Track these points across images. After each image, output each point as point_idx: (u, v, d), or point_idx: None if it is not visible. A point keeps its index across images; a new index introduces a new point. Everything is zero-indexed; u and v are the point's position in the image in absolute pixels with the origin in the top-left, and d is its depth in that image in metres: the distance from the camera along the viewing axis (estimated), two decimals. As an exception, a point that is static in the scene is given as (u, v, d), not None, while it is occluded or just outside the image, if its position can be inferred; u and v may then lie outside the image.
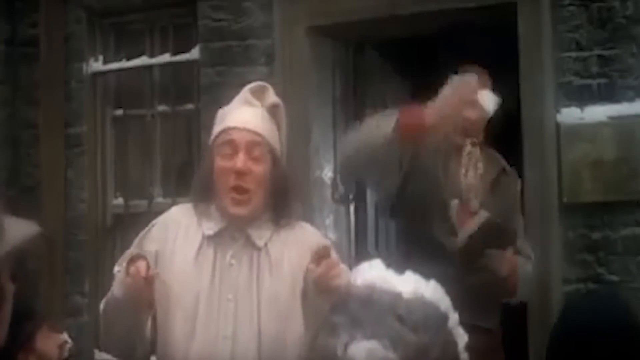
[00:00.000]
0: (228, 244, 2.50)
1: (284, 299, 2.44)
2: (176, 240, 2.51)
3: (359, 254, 4.61)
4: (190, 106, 4.78)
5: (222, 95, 4.39)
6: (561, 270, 3.79)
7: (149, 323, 2.47)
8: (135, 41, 4.98)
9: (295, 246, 2.51)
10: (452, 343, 1.20)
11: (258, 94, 2.57)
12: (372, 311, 1.17)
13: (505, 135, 3.61)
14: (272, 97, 2.58)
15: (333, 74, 4.64)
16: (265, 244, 2.50)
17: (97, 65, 4.98)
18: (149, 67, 4.90)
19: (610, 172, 3.75)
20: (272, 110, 2.56)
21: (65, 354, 3.17)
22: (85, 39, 4.95)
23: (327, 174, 4.54)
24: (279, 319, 2.43)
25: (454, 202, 3.18)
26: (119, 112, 5.03)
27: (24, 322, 2.95)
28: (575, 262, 3.80)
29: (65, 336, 3.20)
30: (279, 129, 2.56)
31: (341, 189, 4.61)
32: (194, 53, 4.69)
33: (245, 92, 2.58)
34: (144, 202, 4.86)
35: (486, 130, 3.32)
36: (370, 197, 4.84)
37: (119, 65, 4.96)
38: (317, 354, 1.18)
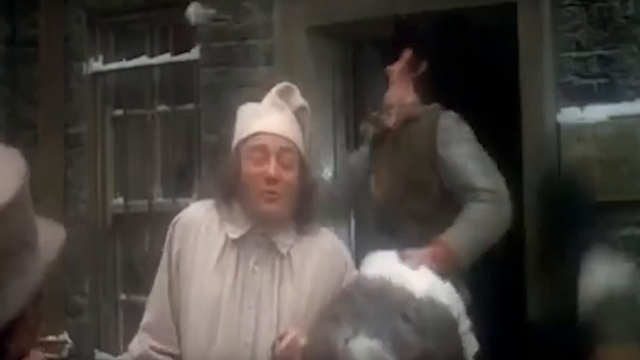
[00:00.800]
0: (251, 249, 2.48)
1: (303, 308, 2.44)
2: (197, 240, 2.49)
3: (359, 254, 4.59)
4: (190, 106, 4.77)
5: (222, 95, 4.40)
6: (561, 270, 3.78)
7: None
8: (135, 41, 4.98)
9: (316, 254, 2.52)
10: (459, 350, 1.16)
11: (285, 96, 2.54)
12: (379, 307, 1.12)
13: (505, 134, 3.61)
14: (299, 99, 2.55)
15: (333, 74, 4.63)
16: (289, 252, 2.49)
17: (97, 65, 4.98)
18: (149, 67, 4.89)
19: (610, 172, 3.74)
20: (299, 113, 2.54)
21: (65, 354, 3.17)
22: (85, 39, 4.95)
23: (327, 174, 4.53)
24: (298, 327, 2.40)
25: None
26: (119, 112, 5.03)
27: None
28: (575, 262, 3.79)
29: (65, 336, 3.20)
30: (303, 131, 2.54)
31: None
32: (194, 53, 4.68)
33: (272, 94, 2.55)
34: (144, 202, 4.85)
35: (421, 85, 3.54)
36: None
37: (119, 65, 4.95)
38: (317, 345, 1.15)
